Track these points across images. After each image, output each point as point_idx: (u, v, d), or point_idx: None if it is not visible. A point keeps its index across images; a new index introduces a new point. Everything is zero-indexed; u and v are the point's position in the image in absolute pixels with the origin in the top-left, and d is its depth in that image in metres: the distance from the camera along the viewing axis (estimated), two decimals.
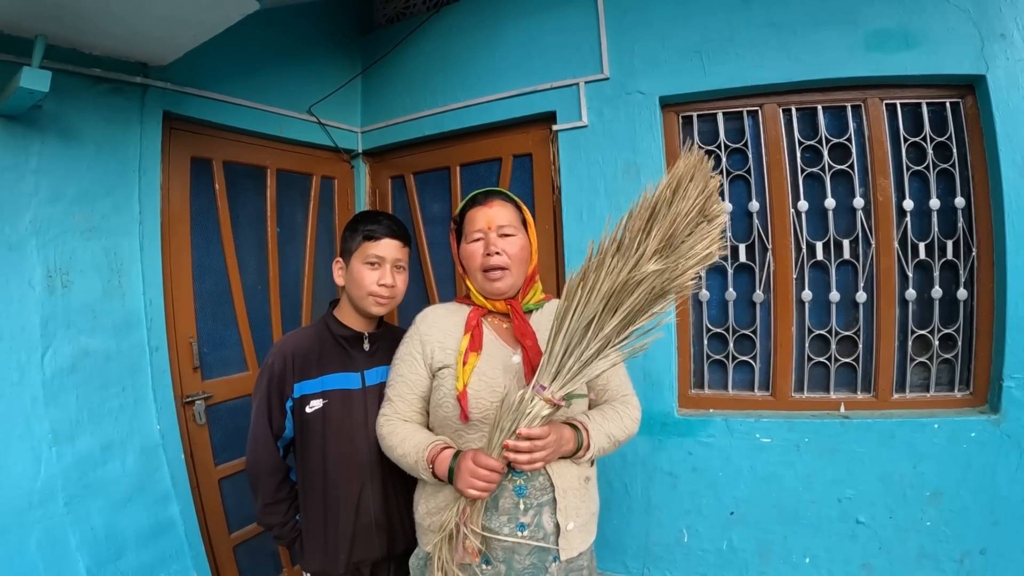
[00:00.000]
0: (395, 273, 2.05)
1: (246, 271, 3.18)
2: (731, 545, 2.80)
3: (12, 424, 2.17)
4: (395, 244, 2.05)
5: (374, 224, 2.04)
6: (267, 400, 2.02)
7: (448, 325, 1.89)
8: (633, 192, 2.83)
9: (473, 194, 1.93)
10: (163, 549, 2.59)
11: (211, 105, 2.92)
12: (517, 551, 1.72)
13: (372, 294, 2.01)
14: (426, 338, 1.88)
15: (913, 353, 2.74)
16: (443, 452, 1.71)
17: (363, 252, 2.01)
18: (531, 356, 1.75)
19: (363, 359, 2.09)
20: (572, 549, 1.76)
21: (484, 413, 1.73)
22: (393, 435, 1.84)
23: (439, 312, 1.98)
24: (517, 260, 1.84)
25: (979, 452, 2.54)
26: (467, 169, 3.49)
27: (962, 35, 2.52)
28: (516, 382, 1.75)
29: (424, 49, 3.50)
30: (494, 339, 1.85)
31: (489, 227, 1.83)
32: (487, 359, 1.79)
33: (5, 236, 2.20)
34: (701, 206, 1.54)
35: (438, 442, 1.74)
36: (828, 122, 2.78)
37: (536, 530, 1.73)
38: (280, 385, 2.01)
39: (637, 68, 2.89)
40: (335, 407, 2.03)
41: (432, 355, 1.85)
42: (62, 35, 2.25)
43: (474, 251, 1.84)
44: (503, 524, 1.72)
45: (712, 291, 2.94)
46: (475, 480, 1.58)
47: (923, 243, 2.68)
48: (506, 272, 1.82)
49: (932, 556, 2.60)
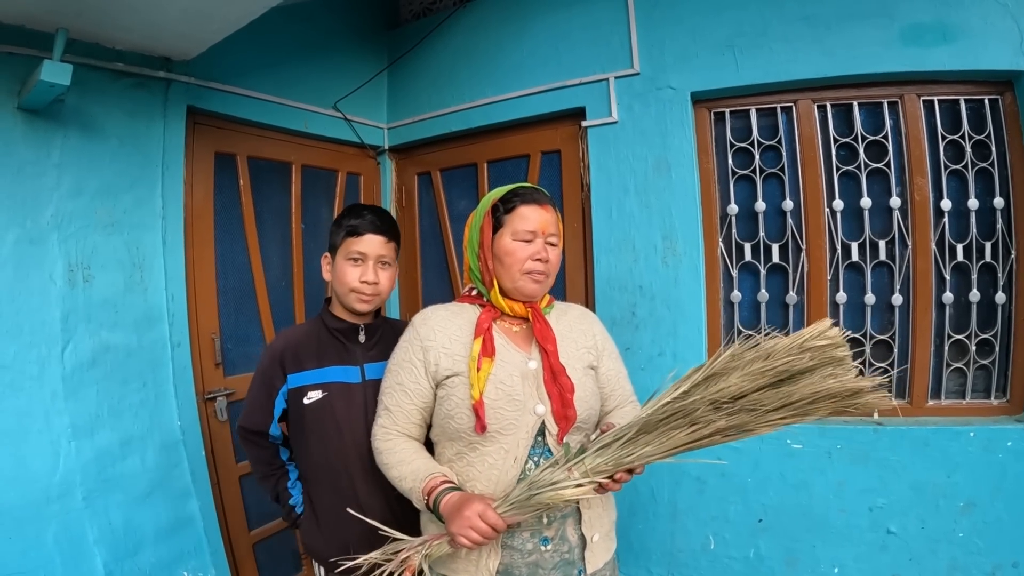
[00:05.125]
0: (378, 270, 1.98)
1: (270, 267, 3.17)
2: (758, 553, 2.74)
3: (32, 418, 2.17)
4: (378, 240, 1.98)
5: (357, 219, 1.98)
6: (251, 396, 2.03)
7: (452, 329, 1.75)
8: (663, 189, 2.80)
9: (523, 187, 1.78)
10: (181, 545, 2.58)
11: (235, 100, 2.91)
12: (541, 565, 1.64)
13: (354, 291, 1.96)
14: (428, 344, 1.73)
15: (949, 358, 2.67)
16: (443, 486, 1.58)
17: (346, 248, 1.97)
18: (552, 361, 1.67)
19: (361, 352, 2.04)
20: (597, 560, 1.70)
21: (502, 424, 1.62)
22: (391, 453, 1.73)
23: (441, 314, 1.81)
24: (554, 269, 1.77)
25: (1015, 462, 2.46)
26: (494, 166, 3.46)
27: (1000, 29, 2.45)
28: (535, 390, 1.66)
29: (450, 44, 3.47)
30: (506, 343, 1.74)
31: (543, 231, 1.72)
32: (502, 365, 1.67)
33: (27, 230, 2.20)
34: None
35: (437, 474, 1.62)
36: (864, 119, 2.71)
37: (560, 543, 1.66)
38: (269, 380, 2.00)
39: (668, 63, 2.84)
40: (335, 399, 1.98)
41: (437, 363, 1.71)
42: (84, 29, 2.24)
43: (519, 249, 1.70)
44: (526, 540, 1.64)
45: (744, 292, 2.89)
46: (471, 532, 1.44)
47: (961, 245, 2.61)
48: (546, 278, 1.75)
49: (963, 568, 2.53)
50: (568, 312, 1.89)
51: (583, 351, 1.79)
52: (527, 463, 1.64)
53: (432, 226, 3.74)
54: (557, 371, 1.65)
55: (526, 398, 1.64)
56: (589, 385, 1.74)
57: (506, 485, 1.60)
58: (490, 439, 1.63)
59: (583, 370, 1.74)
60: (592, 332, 1.85)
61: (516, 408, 1.62)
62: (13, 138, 2.17)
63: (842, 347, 1.41)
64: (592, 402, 1.73)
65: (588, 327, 1.86)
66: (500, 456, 1.62)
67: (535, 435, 1.65)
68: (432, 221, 3.74)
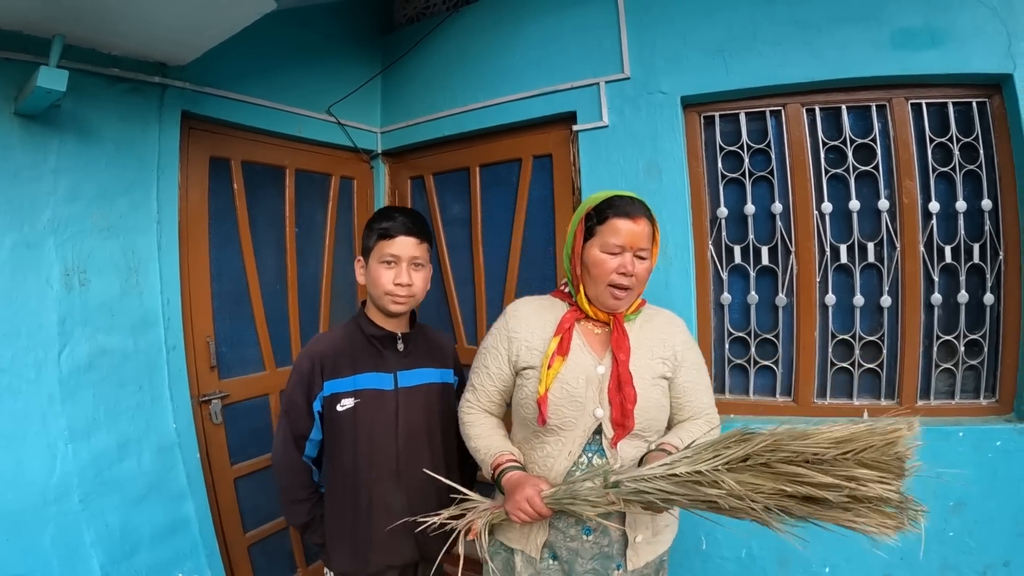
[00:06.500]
0: (412, 271, 2.02)
1: (264, 271, 3.19)
2: (750, 553, 2.75)
3: (29, 421, 2.19)
4: (411, 241, 2.01)
5: (389, 221, 2.01)
6: (291, 400, 2.04)
7: (538, 323, 1.88)
8: (654, 193, 2.81)
9: (620, 197, 1.81)
10: (178, 547, 2.59)
11: (230, 105, 2.93)
12: (580, 554, 1.77)
13: (388, 293, 1.99)
14: (514, 335, 1.89)
15: (938, 359, 2.68)
16: (507, 463, 1.79)
17: (379, 251, 2.00)
18: (621, 370, 1.73)
19: (396, 360, 2.08)
20: (639, 560, 1.79)
21: (562, 421, 1.76)
22: (473, 426, 1.94)
23: (531, 307, 1.95)
24: (640, 282, 1.81)
25: (1005, 461, 2.47)
26: (487, 170, 3.47)
27: (989, 33, 2.46)
28: (597, 395, 1.75)
29: (443, 49, 3.49)
30: (582, 345, 1.83)
31: (631, 245, 1.75)
32: (571, 366, 1.78)
33: (23, 234, 2.21)
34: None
35: (505, 452, 1.82)
36: (852, 122, 2.72)
37: (601, 536, 1.78)
38: (308, 385, 2.01)
39: (658, 67, 2.86)
40: (367, 407, 2.02)
41: (518, 354, 1.87)
42: (80, 35, 2.25)
43: (606, 262, 1.76)
44: (570, 525, 1.78)
45: (734, 294, 2.90)
46: (519, 511, 1.65)
47: (949, 246, 2.62)
48: (630, 292, 1.79)
49: (955, 568, 2.54)
50: (654, 319, 1.94)
51: (657, 361, 1.84)
52: (580, 457, 1.77)
53: None
54: (624, 380, 1.72)
55: (587, 400, 1.74)
56: (655, 396, 1.78)
57: (557, 474, 1.76)
58: (550, 431, 1.79)
59: (652, 380, 1.80)
60: (672, 343, 1.89)
61: (577, 408, 1.75)
62: (10, 143, 2.19)
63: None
64: (655, 413, 1.80)
65: (670, 337, 1.90)
66: (557, 448, 1.78)
67: (592, 434, 1.76)
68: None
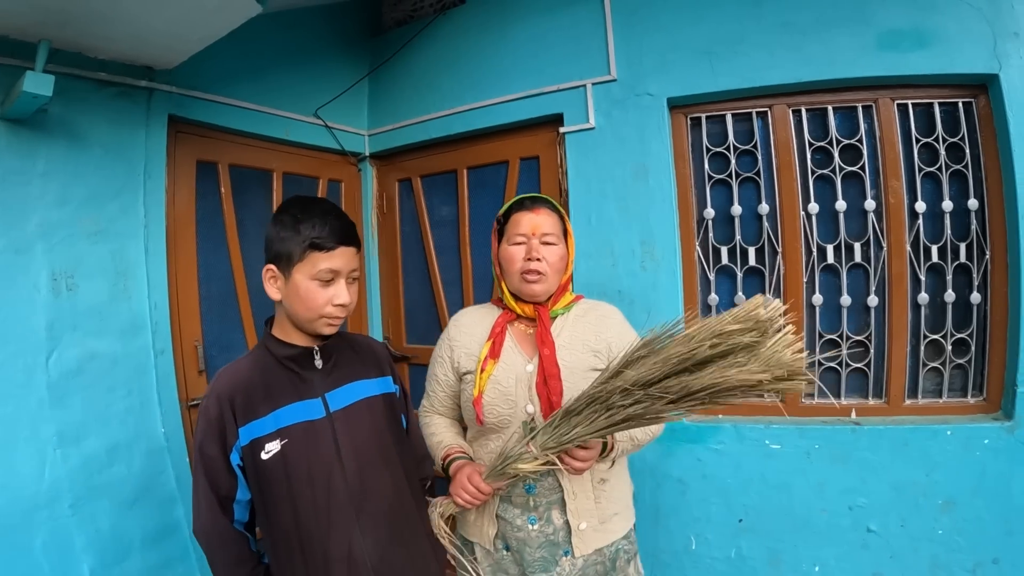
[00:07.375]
0: (350, 287, 1.64)
1: (252, 274, 3.18)
2: (740, 553, 2.77)
3: (18, 426, 2.18)
4: (351, 251, 1.61)
5: (322, 227, 1.55)
6: (204, 454, 1.58)
7: (477, 331, 2.00)
8: (641, 194, 2.82)
9: (520, 198, 2.00)
10: (168, 551, 2.59)
11: (217, 108, 2.93)
12: (528, 543, 1.85)
13: (325, 316, 1.59)
14: (455, 344, 2.02)
15: (925, 358, 2.69)
16: (455, 454, 1.90)
17: (311, 265, 1.54)
18: (546, 364, 1.82)
19: (320, 380, 1.66)
20: (586, 547, 1.86)
21: (498, 419, 1.86)
22: (428, 426, 2.07)
23: (471, 316, 2.09)
24: (555, 268, 1.91)
25: (993, 460, 2.49)
26: (474, 172, 3.48)
27: (975, 34, 2.48)
28: (527, 391, 1.84)
29: (431, 51, 3.50)
30: (513, 346, 1.93)
31: (533, 233, 1.89)
32: (503, 368, 1.88)
33: (12, 239, 2.21)
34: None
35: (454, 446, 1.94)
36: (839, 123, 2.74)
37: (546, 525, 1.86)
38: (220, 435, 1.57)
39: (645, 69, 2.87)
40: (297, 446, 1.58)
41: (459, 360, 1.99)
42: (67, 39, 2.25)
43: (515, 254, 1.91)
44: (516, 516, 1.87)
45: (721, 295, 2.91)
46: (462, 492, 1.74)
47: (936, 246, 2.64)
48: (543, 277, 1.88)
49: (944, 566, 2.55)
50: (589, 313, 2.01)
51: (589, 354, 1.91)
52: None
53: (413, 232, 3.75)
54: (549, 374, 1.81)
55: (519, 398, 1.84)
56: (585, 387, 1.80)
57: None
58: (492, 430, 1.90)
59: (583, 373, 1.86)
60: (607, 335, 1.96)
61: (510, 406, 1.85)
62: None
63: (768, 324, 1.45)
64: None
65: (604, 330, 1.97)
66: (499, 444, 1.86)
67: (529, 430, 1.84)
68: (413, 227, 3.75)
